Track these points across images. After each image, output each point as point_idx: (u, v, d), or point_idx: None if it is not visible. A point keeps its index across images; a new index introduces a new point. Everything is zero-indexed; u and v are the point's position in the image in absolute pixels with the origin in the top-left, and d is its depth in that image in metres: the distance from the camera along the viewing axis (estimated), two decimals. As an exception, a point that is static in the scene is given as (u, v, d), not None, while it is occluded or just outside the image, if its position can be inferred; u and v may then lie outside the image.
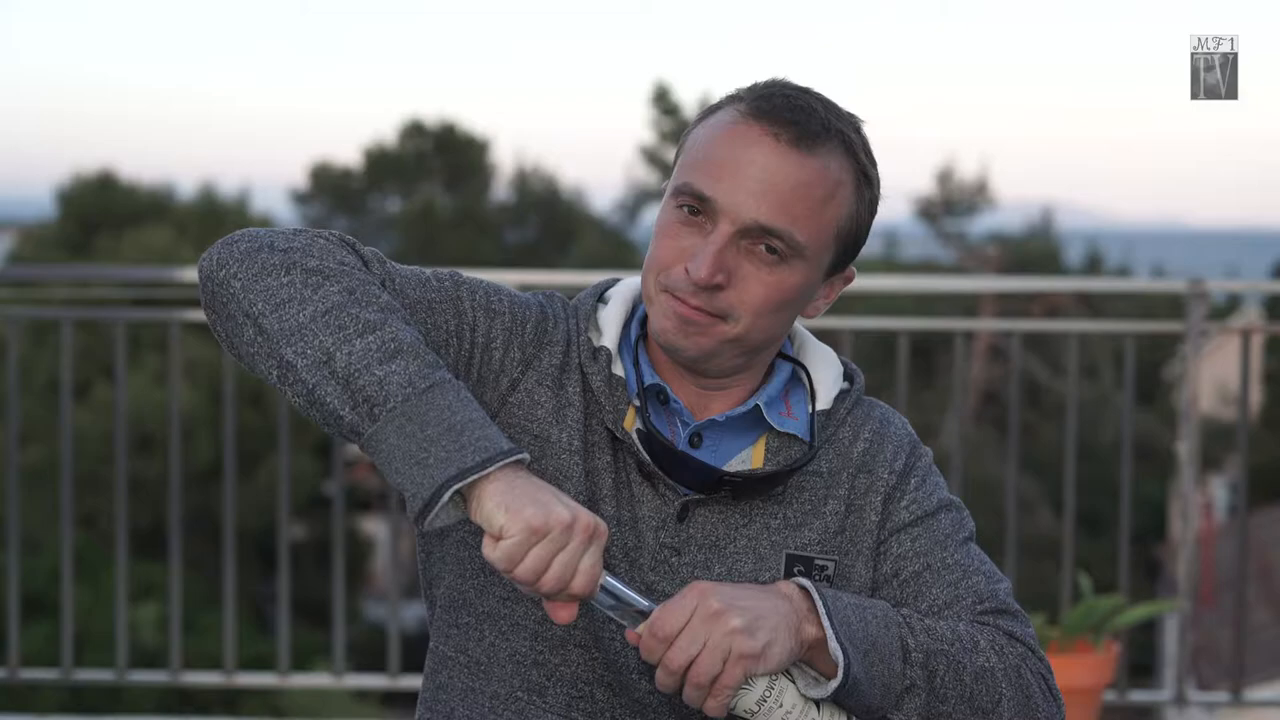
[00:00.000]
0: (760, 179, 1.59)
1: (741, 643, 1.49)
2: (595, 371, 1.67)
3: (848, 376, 1.77)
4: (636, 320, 1.72)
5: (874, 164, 1.67)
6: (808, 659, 1.56)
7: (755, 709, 1.53)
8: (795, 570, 1.66)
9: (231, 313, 1.53)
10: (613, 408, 1.66)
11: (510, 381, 1.67)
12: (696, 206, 1.61)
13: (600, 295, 1.75)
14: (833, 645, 1.53)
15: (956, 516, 1.73)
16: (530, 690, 1.65)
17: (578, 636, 1.64)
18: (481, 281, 1.71)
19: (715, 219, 1.60)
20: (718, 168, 1.60)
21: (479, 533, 1.50)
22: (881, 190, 1.69)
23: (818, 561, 1.66)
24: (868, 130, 1.67)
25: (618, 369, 1.68)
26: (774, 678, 1.54)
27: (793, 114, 1.61)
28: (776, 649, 1.51)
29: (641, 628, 1.51)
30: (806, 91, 1.65)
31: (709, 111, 1.67)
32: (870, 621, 1.58)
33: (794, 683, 1.55)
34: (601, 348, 1.68)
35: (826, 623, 1.54)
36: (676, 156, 1.68)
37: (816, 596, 1.55)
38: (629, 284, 1.75)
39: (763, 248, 1.60)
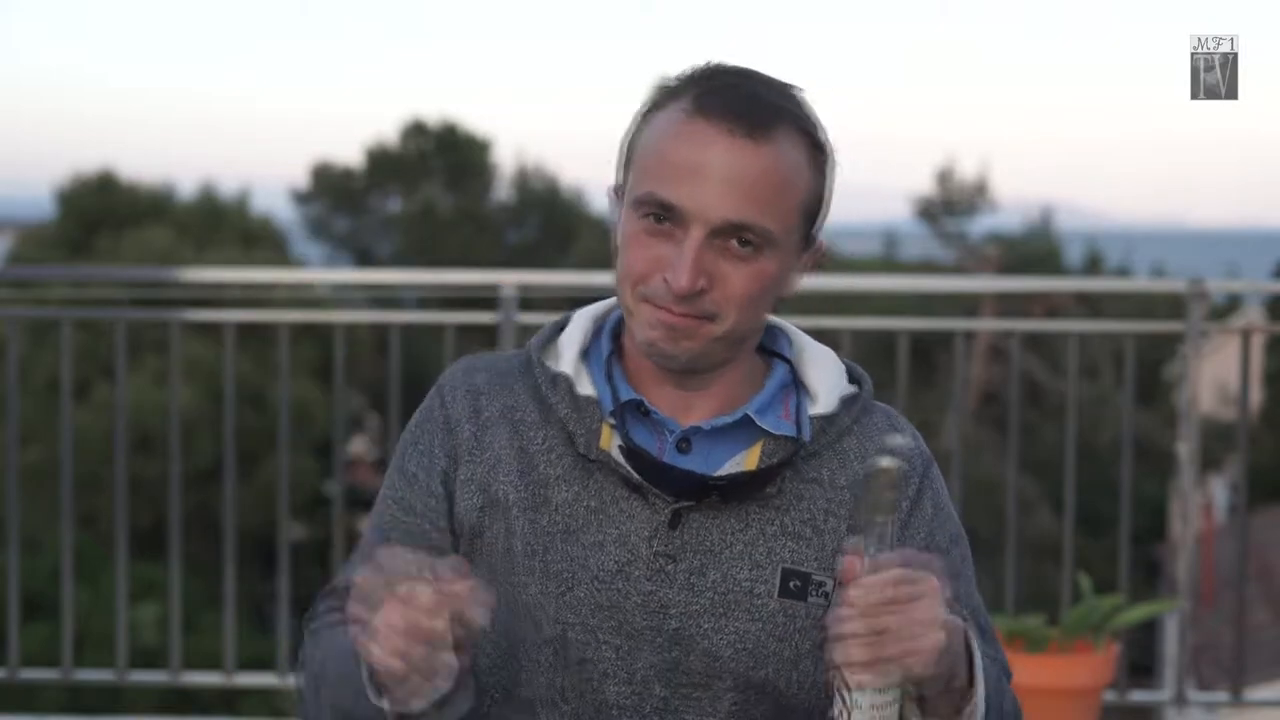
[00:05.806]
0: (723, 178, 1.57)
1: (933, 658, 1.45)
2: (558, 400, 1.65)
3: (854, 380, 1.73)
4: (607, 336, 1.69)
5: (823, 130, 1.64)
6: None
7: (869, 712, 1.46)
8: (792, 585, 1.63)
9: None
10: (584, 430, 1.64)
11: (471, 524, 1.66)
12: (662, 214, 1.59)
13: (560, 325, 1.72)
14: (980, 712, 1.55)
15: (963, 549, 1.72)
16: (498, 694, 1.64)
17: (541, 650, 1.63)
18: (387, 490, 1.71)
19: (685, 224, 1.58)
20: (677, 172, 1.58)
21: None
22: (835, 152, 1.65)
23: (815, 578, 1.63)
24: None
25: (585, 389, 1.66)
26: (902, 699, 1.48)
27: (741, 104, 1.58)
28: (945, 685, 1.50)
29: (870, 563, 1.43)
30: (747, 75, 1.63)
31: (650, 109, 1.64)
32: (1002, 694, 1.62)
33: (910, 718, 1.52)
34: (559, 374, 1.66)
35: (980, 701, 1.54)
36: (625, 159, 1.65)
37: (979, 670, 1.55)
38: (589, 308, 1.73)
39: (735, 243, 1.58)
